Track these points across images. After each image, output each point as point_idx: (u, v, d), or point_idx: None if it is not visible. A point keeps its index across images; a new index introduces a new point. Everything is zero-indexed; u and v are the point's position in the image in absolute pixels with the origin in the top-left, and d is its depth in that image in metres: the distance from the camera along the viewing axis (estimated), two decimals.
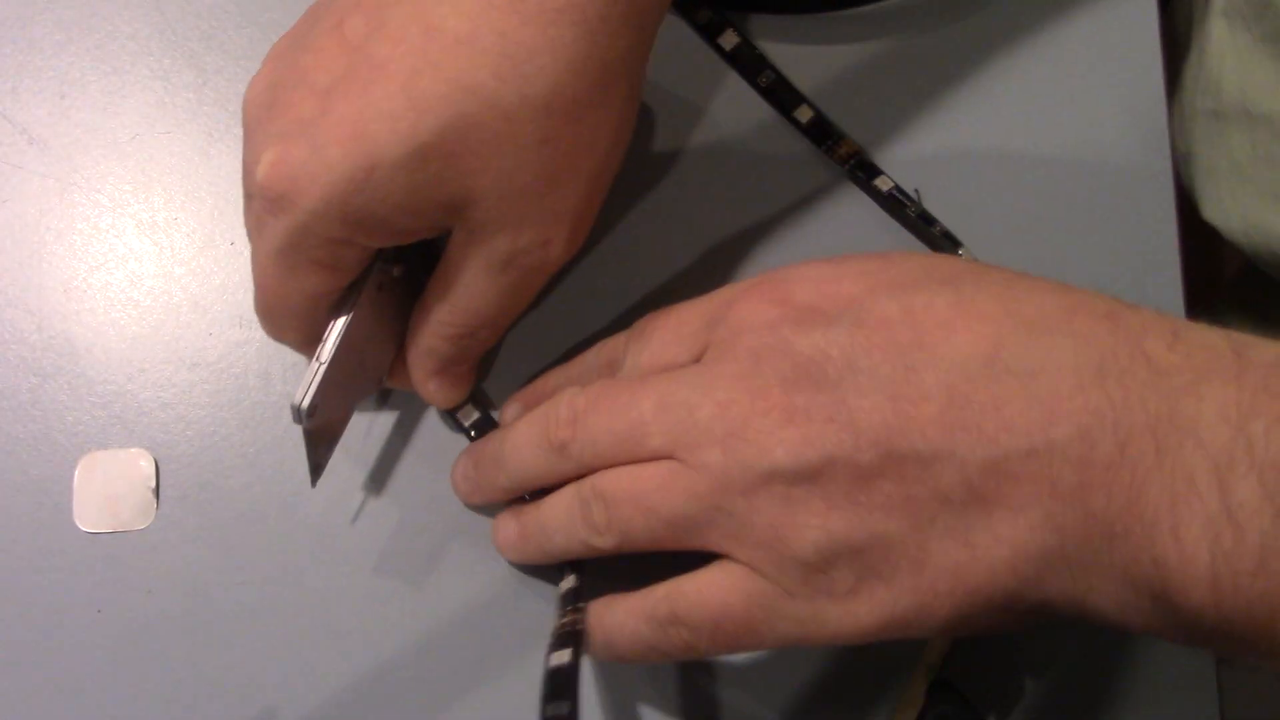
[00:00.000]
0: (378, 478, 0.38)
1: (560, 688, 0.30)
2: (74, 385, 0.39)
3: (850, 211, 0.41)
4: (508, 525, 0.36)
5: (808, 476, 0.29)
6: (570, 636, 0.32)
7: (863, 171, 0.41)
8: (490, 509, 0.37)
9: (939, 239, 0.40)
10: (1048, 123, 0.42)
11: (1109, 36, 0.43)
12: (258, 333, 0.39)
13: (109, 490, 0.38)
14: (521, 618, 0.37)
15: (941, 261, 0.32)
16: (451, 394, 0.37)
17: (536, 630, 0.37)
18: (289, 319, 0.34)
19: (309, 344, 0.35)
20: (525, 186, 0.32)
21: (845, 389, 0.29)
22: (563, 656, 0.31)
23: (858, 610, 0.30)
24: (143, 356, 0.39)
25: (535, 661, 0.37)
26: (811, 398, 0.29)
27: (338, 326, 0.34)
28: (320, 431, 0.35)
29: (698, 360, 0.33)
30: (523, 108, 0.31)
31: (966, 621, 0.29)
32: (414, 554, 0.38)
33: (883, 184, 0.41)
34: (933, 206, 0.41)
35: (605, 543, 0.32)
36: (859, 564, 0.29)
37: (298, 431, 0.38)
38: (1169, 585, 0.26)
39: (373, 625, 0.37)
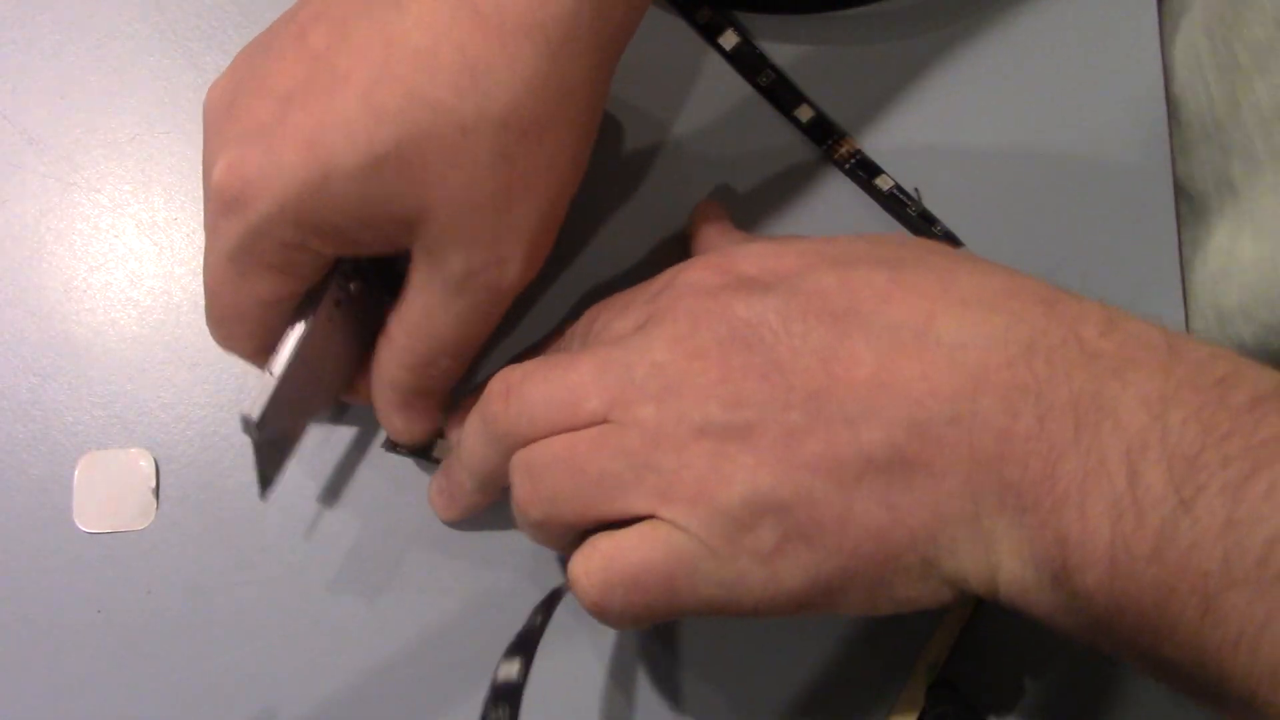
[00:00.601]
0: (379, 478, 0.38)
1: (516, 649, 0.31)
2: (74, 385, 0.39)
3: (851, 210, 0.41)
4: None
5: (739, 432, 0.29)
6: (547, 602, 0.32)
7: (863, 170, 0.41)
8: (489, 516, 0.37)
9: (940, 238, 0.40)
10: (1048, 122, 0.42)
11: (1109, 36, 0.43)
12: None
13: (109, 490, 0.38)
14: (523, 618, 0.37)
15: (888, 245, 0.32)
16: (415, 429, 0.37)
17: None
18: (239, 325, 0.34)
19: (259, 354, 0.35)
20: (481, 203, 0.32)
21: (780, 351, 0.30)
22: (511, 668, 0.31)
23: (780, 572, 0.30)
24: (143, 356, 0.39)
25: (536, 662, 0.37)
26: (746, 358, 0.30)
27: (292, 338, 0.34)
28: (271, 444, 0.35)
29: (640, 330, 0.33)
30: (480, 123, 0.31)
31: (889, 589, 0.30)
32: (415, 554, 0.38)
33: (883, 183, 0.41)
34: (933, 205, 0.41)
35: (534, 515, 0.32)
36: (785, 522, 0.29)
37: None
38: (1068, 564, 0.27)
39: (372, 625, 0.37)
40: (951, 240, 0.40)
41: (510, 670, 0.30)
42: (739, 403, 0.30)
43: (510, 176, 0.32)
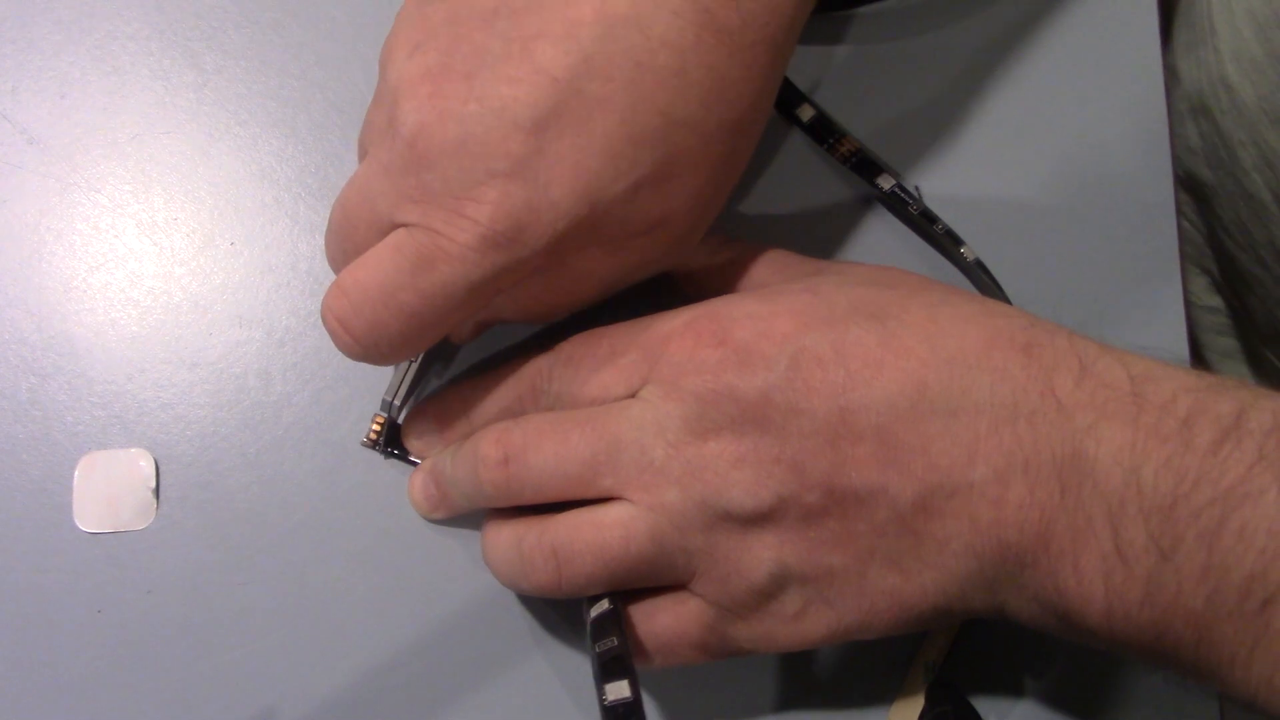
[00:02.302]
0: (380, 479, 0.38)
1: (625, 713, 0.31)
2: (74, 385, 0.39)
3: (852, 209, 0.41)
4: None
5: (762, 516, 0.31)
6: (618, 662, 0.31)
7: (864, 169, 0.41)
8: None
9: (941, 237, 0.40)
10: (1048, 121, 0.42)
11: (1109, 36, 0.43)
12: (258, 332, 0.39)
13: (109, 490, 0.38)
14: (522, 618, 0.37)
15: (868, 291, 0.34)
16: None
17: (537, 630, 0.37)
18: (429, 339, 0.33)
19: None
20: (708, 201, 0.34)
21: (789, 431, 0.31)
22: (621, 688, 0.31)
23: (806, 628, 0.32)
24: (143, 356, 0.39)
25: (535, 662, 0.37)
26: (758, 440, 0.31)
27: None
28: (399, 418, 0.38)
29: (634, 394, 0.33)
30: (720, 130, 0.32)
31: (902, 629, 0.32)
32: (415, 554, 0.38)
33: (884, 182, 0.41)
34: (934, 204, 0.41)
35: (558, 595, 0.33)
36: (807, 590, 0.32)
37: (298, 430, 0.38)
38: (1069, 609, 0.30)
39: (373, 625, 0.37)
40: (953, 239, 0.40)
41: (621, 690, 0.30)
42: (759, 487, 0.31)
43: (729, 173, 0.34)
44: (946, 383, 0.31)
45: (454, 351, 0.39)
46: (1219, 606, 0.27)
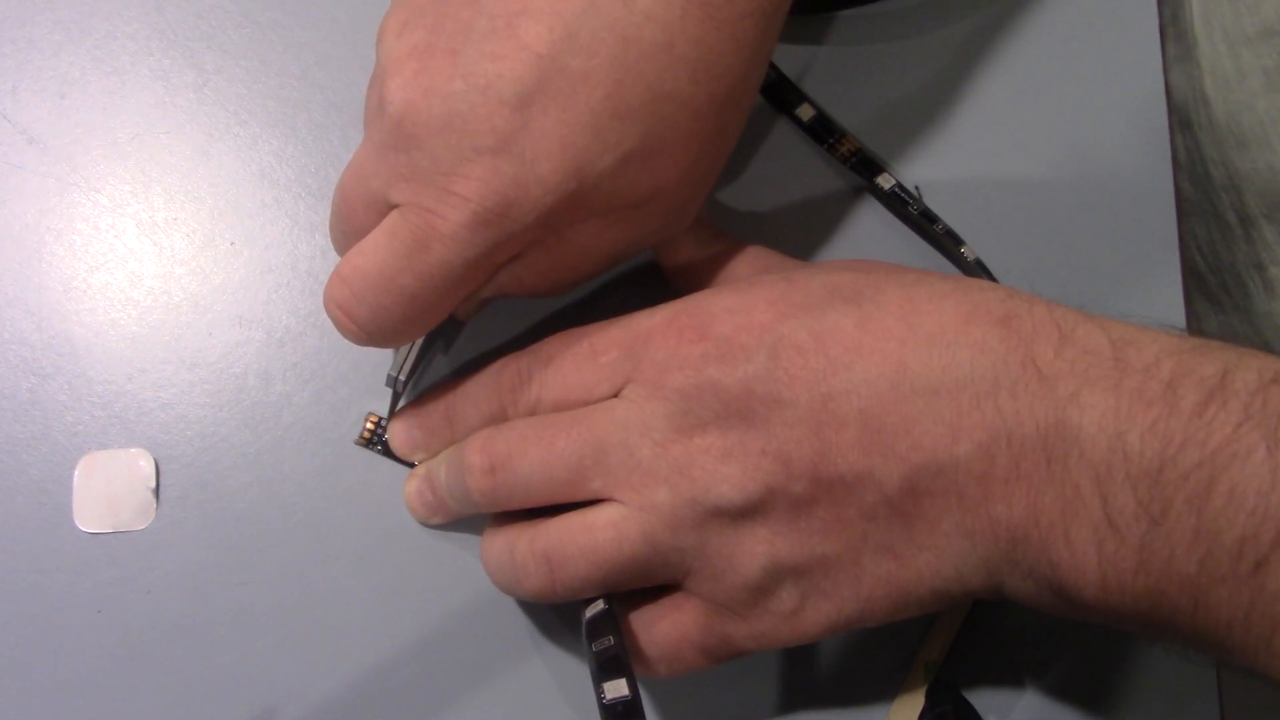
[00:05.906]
0: (379, 479, 0.38)
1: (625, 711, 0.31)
2: (74, 385, 0.39)
3: (852, 209, 0.41)
4: None
5: (751, 509, 0.31)
6: (615, 661, 0.31)
7: (864, 169, 0.41)
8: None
9: (941, 236, 0.40)
10: (1048, 121, 0.42)
11: (1109, 36, 0.43)
12: (258, 333, 0.39)
13: (109, 490, 0.38)
14: (521, 619, 0.37)
15: (844, 276, 0.33)
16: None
17: (537, 631, 0.37)
18: (430, 319, 0.33)
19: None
20: (701, 175, 0.34)
21: (773, 422, 0.31)
22: (619, 687, 0.31)
23: (805, 623, 0.32)
24: (143, 356, 0.39)
25: (535, 662, 0.37)
26: (743, 434, 0.31)
27: None
28: (402, 393, 0.38)
29: (616, 393, 0.33)
30: (709, 105, 0.32)
31: (903, 614, 0.32)
32: (414, 554, 0.38)
33: (884, 181, 0.41)
34: (934, 204, 0.41)
35: (552, 599, 0.33)
36: (803, 583, 0.32)
37: (298, 430, 0.38)
38: (1065, 583, 0.30)
39: (373, 625, 0.37)
40: (953, 238, 0.40)
41: (619, 689, 0.30)
42: (746, 480, 0.31)
43: (721, 145, 0.34)
44: (926, 361, 0.31)
45: (459, 325, 0.39)
46: (1212, 571, 0.27)
